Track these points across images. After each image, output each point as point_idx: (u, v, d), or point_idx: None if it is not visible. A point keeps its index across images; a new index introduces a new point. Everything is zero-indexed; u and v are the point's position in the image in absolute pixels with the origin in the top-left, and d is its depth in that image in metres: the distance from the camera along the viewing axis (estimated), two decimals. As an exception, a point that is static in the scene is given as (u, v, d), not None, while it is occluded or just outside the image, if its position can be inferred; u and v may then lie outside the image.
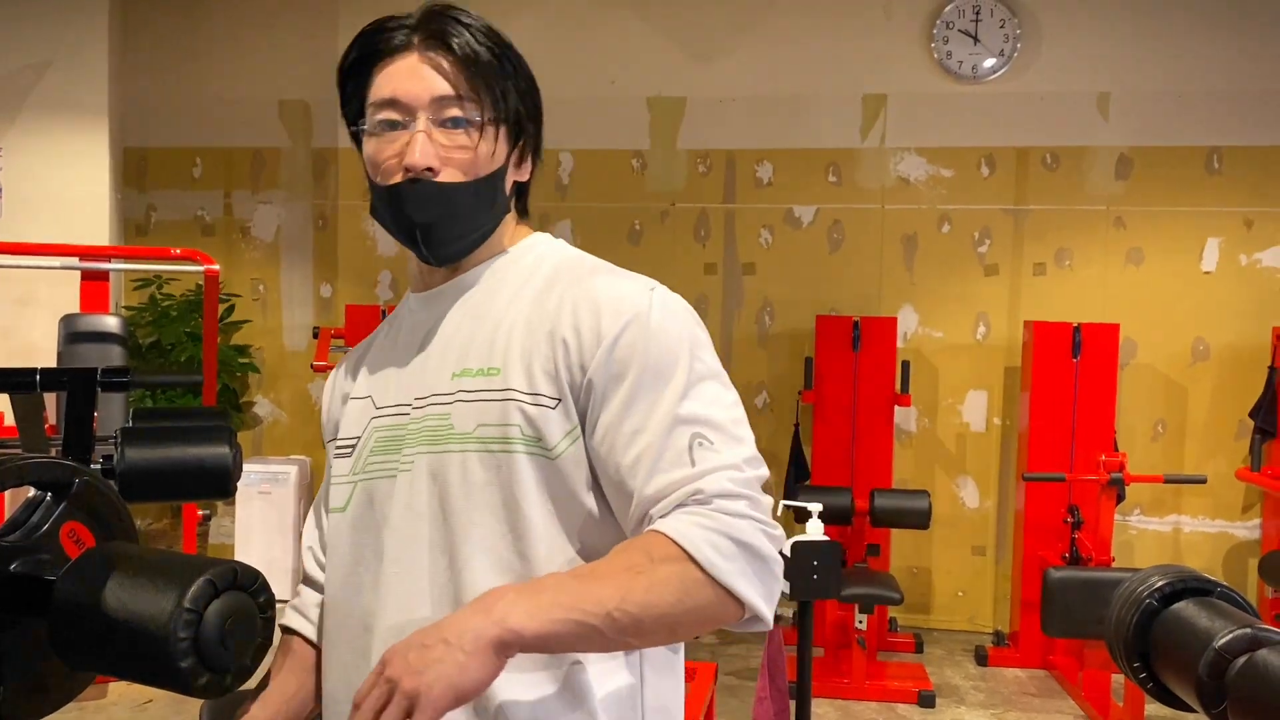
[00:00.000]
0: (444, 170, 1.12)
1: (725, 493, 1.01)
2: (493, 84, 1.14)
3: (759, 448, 2.90)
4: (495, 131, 1.14)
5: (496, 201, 1.17)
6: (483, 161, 1.13)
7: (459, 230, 1.15)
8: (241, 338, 5.86)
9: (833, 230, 5.52)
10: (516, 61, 1.18)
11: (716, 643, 5.12)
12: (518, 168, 1.19)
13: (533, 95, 1.20)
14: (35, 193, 5.14)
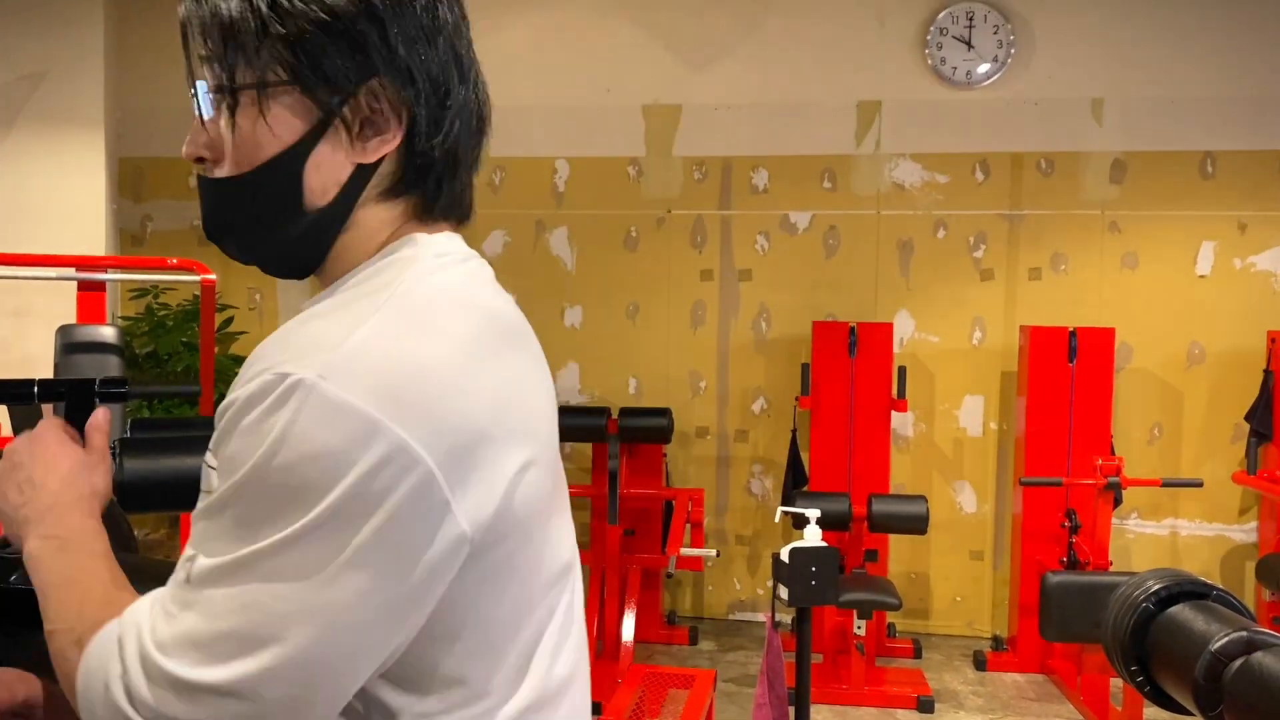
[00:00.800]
0: (215, 163, 0.85)
1: (150, 660, 0.74)
2: (231, 38, 0.81)
3: (757, 453, 2.95)
4: (247, 102, 0.81)
5: (289, 200, 0.83)
6: (245, 148, 0.83)
7: (245, 243, 0.87)
8: (239, 348, 5.85)
9: (828, 236, 5.54)
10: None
11: (716, 649, 5.12)
12: (354, 145, 0.83)
13: (351, 36, 0.81)
14: (31, 203, 5.15)
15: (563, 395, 5.74)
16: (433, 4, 0.85)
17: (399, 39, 0.82)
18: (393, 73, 0.82)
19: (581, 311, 5.74)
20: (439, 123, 0.85)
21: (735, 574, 5.67)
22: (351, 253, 0.86)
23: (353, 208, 0.84)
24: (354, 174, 0.84)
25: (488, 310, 0.86)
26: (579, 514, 5.64)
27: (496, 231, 5.80)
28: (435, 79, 0.84)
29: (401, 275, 0.82)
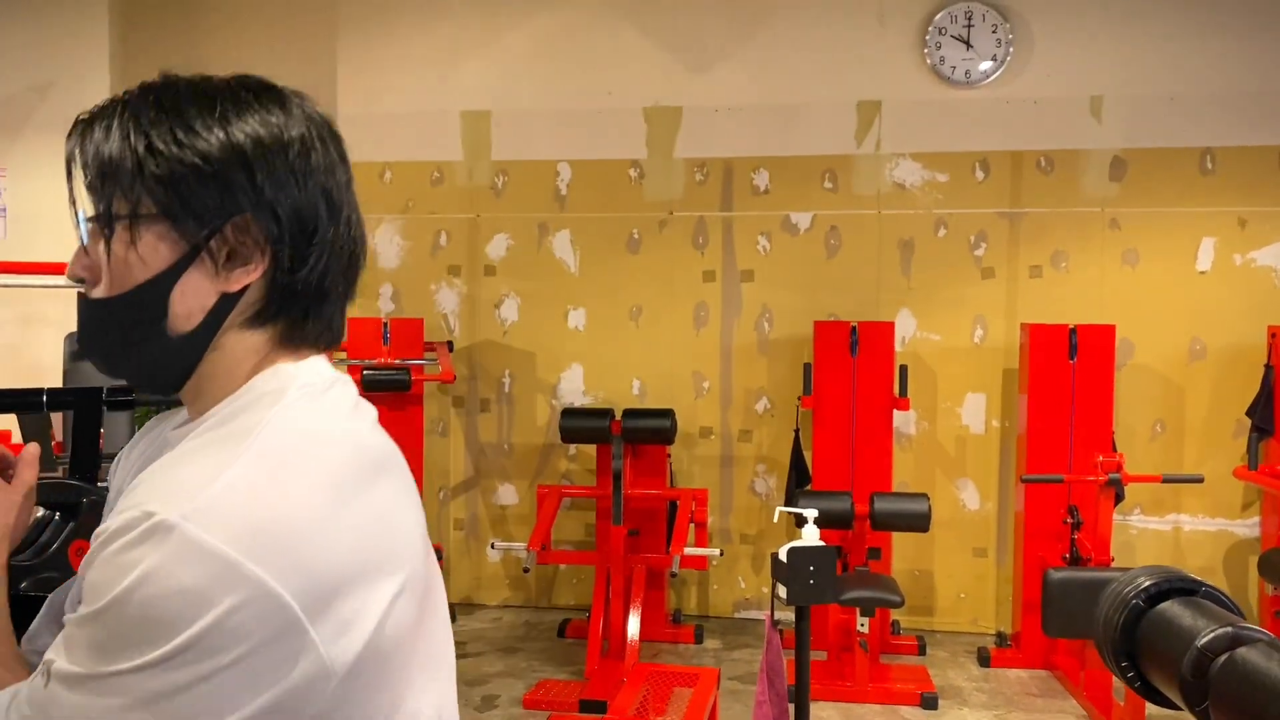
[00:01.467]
0: (93, 284, 0.89)
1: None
2: (109, 173, 0.86)
3: (760, 453, 2.97)
4: (121, 230, 0.86)
5: (156, 323, 0.87)
6: (117, 272, 0.87)
7: (112, 361, 0.91)
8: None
9: (830, 236, 5.56)
10: (171, 126, 0.86)
11: (721, 648, 5.16)
12: (219, 275, 0.87)
13: (218, 174, 0.85)
14: (39, 212, 5.19)
15: (567, 397, 5.78)
16: (305, 149, 0.90)
17: (266, 182, 0.87)
18: (258, 211, 0.87)
19: (585, 313, 5.78)
20: (304, 258, 0.89)
21: (740, 573, 5.70)
22: (217, 378, 0.90)
23: (216, 333, 0.88)
24: (219, 301, 0.88)
25: (351, 445, 0.88)
26: (584, 514, 5.69)
27: (500, 235, 5.84)
28: (302, 218, 0.88)
29: (265, 416, 0.85)
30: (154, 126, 0.86)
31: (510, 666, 4.90)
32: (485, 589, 5.92)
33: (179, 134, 0.85)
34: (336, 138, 0.95)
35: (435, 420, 5.88)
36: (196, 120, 0.86)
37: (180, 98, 0.88)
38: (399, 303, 5.92)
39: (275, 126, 0.89)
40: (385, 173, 5.89)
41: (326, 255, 0.90)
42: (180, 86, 0.90)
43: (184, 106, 0.87)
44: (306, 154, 0.90)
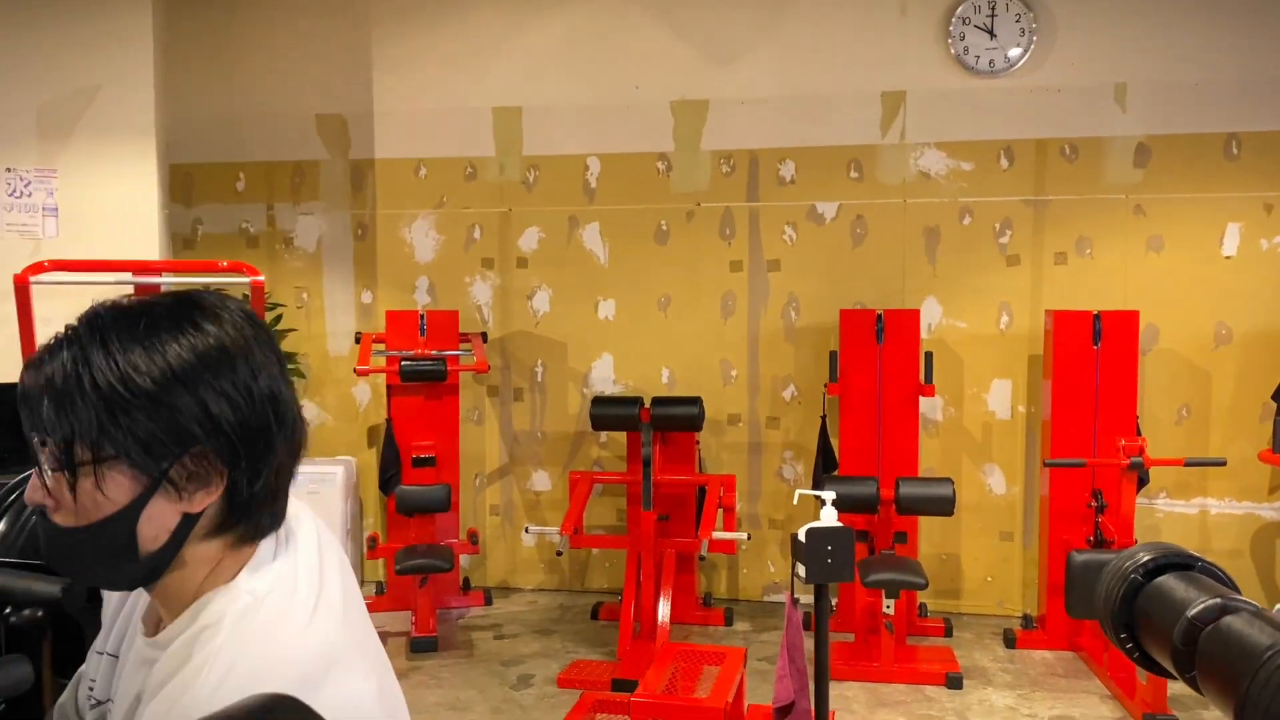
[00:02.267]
0: (57, 512, 0.95)
1: None
2: (71, 418, 0.91)
3: (788, 439, 3.02)
4: (85, 474, 0.92)
5: (125, 549, 0.94)
6: (84, 507, 0.94)
7: (84, 577, 1.03)
8: (287, 345, 6.08)
9: (855, 225, 5.64)
10: (119, 373, 0.91)
11: (750, 630, 5.27)
12: (181, 499, 0.94)
13: (170, 410, 0.91)
14: (89, 211, 5.38)
15: (597, 385, 5.91)
16: (251, 375, 0.95)
17: (226, 419, 0.93)
18: (212, 439, 0.93)
19: (614, 304, 5.90)
20: (259, 472, 0.95)
21: (769, 557, 5.81)
22: (178, 584, 0.98)
23: (180, 548, 0.96)
24: (181, 521, 0.95)
25: (302, 644, 0.95)
26: (616, 500, 5.82)
27: (531, 229, 5.97)
28: (254, 435, 0.95)
29: (227, 644, 0.92)
30: (100, 375, 0.90)
31: (545, 647, 5.04)
32: (520, 573, 6.07)
33: (125, 381, 0.90)
34: (266, 330, 1.00)
35: (471, 409, 6.03)
36: (143, 360, 0.91)
37: (121, 339, 0.92)
38: (434, 295, 6.07)
39: (225, 357, 0.94)
40: (420, 169, 6.04)
41: (278, 464, 0.97)
42: (112, 327, 0.93)
43: (122, 352, 0.91)
44: (252, 378, 0.94)
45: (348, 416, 6.21)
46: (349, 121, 6.06)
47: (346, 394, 6.20)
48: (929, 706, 4.30)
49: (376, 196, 6.11)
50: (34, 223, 5.27)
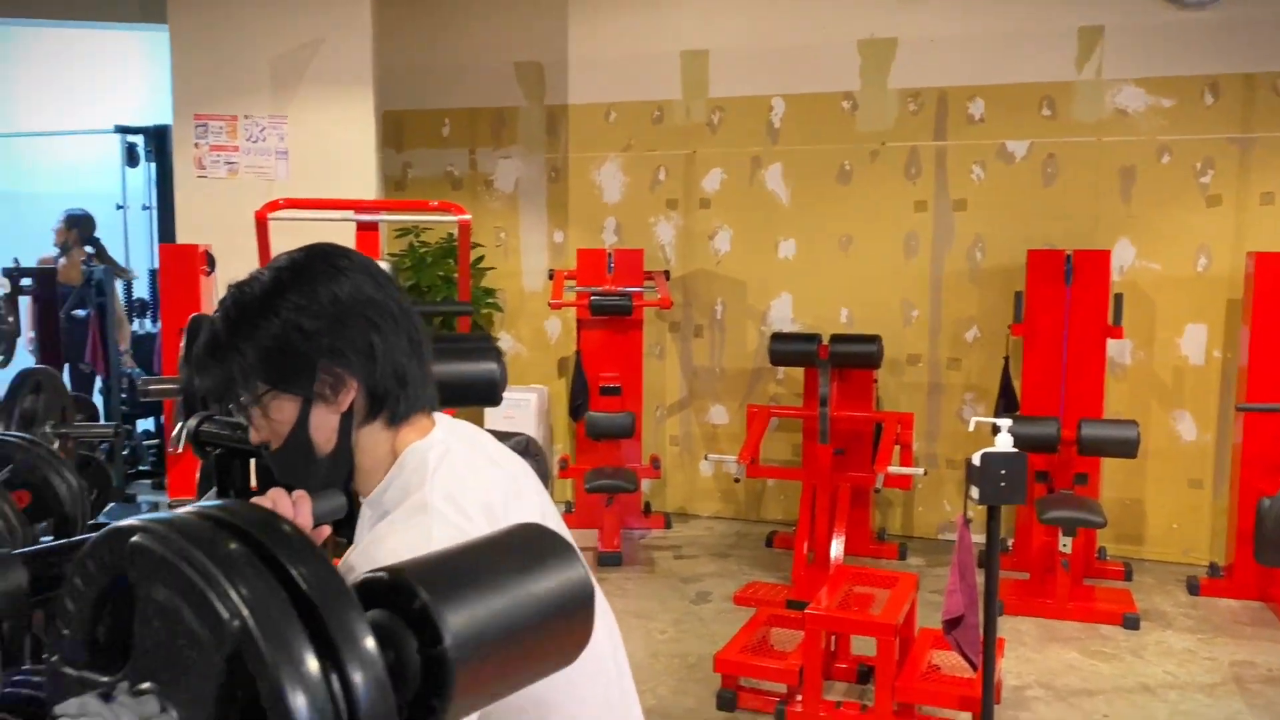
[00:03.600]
0: (270, 442, 1.27)
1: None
2: (227, 375, 1.23)
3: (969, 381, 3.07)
4: (256, 410, 1.23)
5: (310, 453, 1.24)
6: (273, 432, 1.25)
7: (300, 481, 1.25)
8: (486, 281, 6.51)
9: (1046, 165, 5.54)
10: (252, 329, 1.21)
11: (924, 565, 5.37)
12: (332, 404, 1.23)
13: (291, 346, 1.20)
14: (314, 154, 5.90)
15: (775, 324, 6.06)
16: (336, 301, 1.21)
17: (326, 337, 1.20)
18: (330, 356, 1.21)
19: (795, 244, 6.02)
20: (375, 368, 1.22)
21: (945, 496, 5.86)
22: (367, 466, 1.27)
23: (350, 442, 1.25)
24: (340, 421, 1.24)
25: (475, 483, 1.25)
26: (791, 435, 5.99)
27: (715, 170, 6.14)
28: (360, 346, 1.21)
29: (423, 493, 1.20)
30: (240, 340, 1.21)
31: (721, 569, 5.31)
32: (698, 501, 6.35)
33: (258, 338, 1.20)
34: (361, 266, 1.27)
35: (653, 344, 6.30)
36: (260, 321, 1.20)
37: (245, 312, 1.22)
38: (620, 235, 6.35)
39: (315, 299, 1.21)
40: (610, 113, 6.29)
41: (391, 357, 1.24)
42: (238, 305, 1.23)
43: (249, 320, 1.21)
44: (339, 303, 1.22)
45: (540, 348, 6.60)
46: (545, 69, 6.37)
47: (539, 327, 6.59)
48: (1103, 644, 4.33)
49: (569, 140, 6.41)
50: (268, 165, 5.83)
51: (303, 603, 0.62)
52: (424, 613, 0.68)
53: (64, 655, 0.70)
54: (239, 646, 0.60)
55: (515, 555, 0.81)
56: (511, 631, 0.75)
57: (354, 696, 0.61)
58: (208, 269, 5.10)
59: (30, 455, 1.42)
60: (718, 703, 3.69)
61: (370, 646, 0.63)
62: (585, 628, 0.82)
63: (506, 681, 0.78)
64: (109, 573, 0.68)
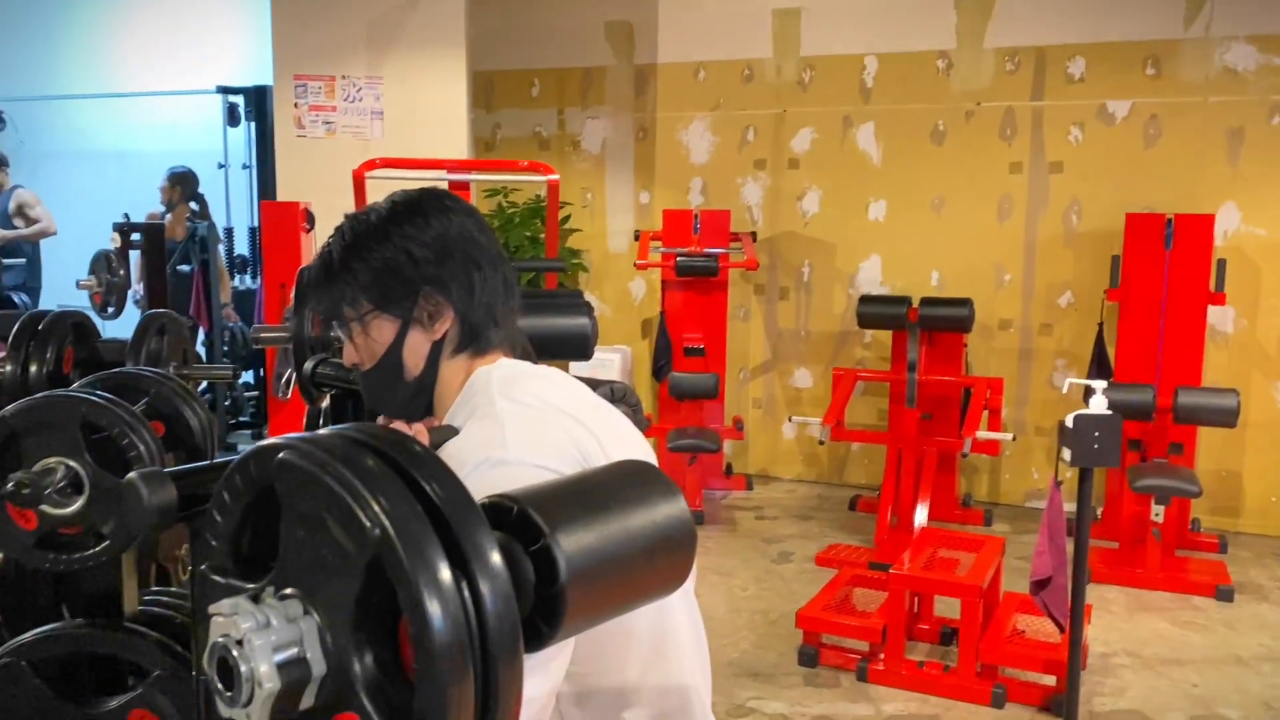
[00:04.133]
0: (362, 363, 1.35)
1: None
2: (337, 293, 1.32)
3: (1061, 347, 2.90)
4: (358, 327, 1.32)
5: (399, 375, 1.33)
6: (369, 352, 1.33)
7: (385, 407, 1.36)
8: (572, 242, 6.57)
9: (1148, 126, 5.38)
10: (366, 251, 1.29)
11: (1010, 532, 5.31)
12: (427, 330, 1.31)
13: (399, 268, 1.29)
14: (408, 115, 6.01)
15: (864, 286, 6.01)
16: (442, 236, 1.30)
17: (430, 266, 1.29)
18: (434, 284, 1.29)
19: (885, 205, 5.95)
20: (472, 301, 1.31)
21: (1034, 464, 5.78)
22: (447, 392, 1.34)
23: (436, 369, 1.33)
24: (431, 348, 1.32)
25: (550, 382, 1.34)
26: (877, 400, 5.95)
27: (805, 129, 6.08)
28: (461, 279, 1.31)
29: (495, 406, 1.26)
30: (352, 260, 1.29)
31: (803, 530, 5.33)
32: (780, 463, 6.36)
33: (367, 259, 1.29)
34: (469, 210, 1.35)
35: (738, 306, 6.30)
36: (374, 245, 1.29)
37: (358, 236, 1.31)
38: (707, 195, 6.34)
39: (425, 229, 1.30)
40: (699, 72, 6.27)
41: (486, 293, 1.32)
42: (352, 230, 1.32)
43: (361, 243, 1.30)
44: (445, 237, 1.30)
45: (624, 309, 6.65)
46: (635, 27, 6.36)
47: (624, 288, 6.64)
48: (1194, 615, 4.25)
49: (657, 100, 6.41)
50: (364, 125, 5.96)
51: (436, 517, 0.66)
52: (539, 536, 0.72)
53: (212, 564, 0.75)
54: (379, 554, 0.64)
55: (624, 489, 0.85)
56: (619, 561, 0.79)
57: (482, 606, 0.65)
58: (307, 226, 5.25)
59: (164, 388, 1.51)
60: (799, 658, 3.73)
61: (497, 561, 0.67)
62: (687, 561, 0.86)
63: (611, 608, 0.82)
64: (254, 488, 0.73)
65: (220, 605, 0.69)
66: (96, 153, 8.68)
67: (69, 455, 1.31)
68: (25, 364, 1.85)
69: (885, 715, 3.39)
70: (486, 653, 0.64)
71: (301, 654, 0.65)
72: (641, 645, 1.31)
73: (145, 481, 0.98)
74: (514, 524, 0.75)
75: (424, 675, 0.62)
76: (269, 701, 0.64)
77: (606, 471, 0.92)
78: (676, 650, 1.36)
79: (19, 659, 1.36)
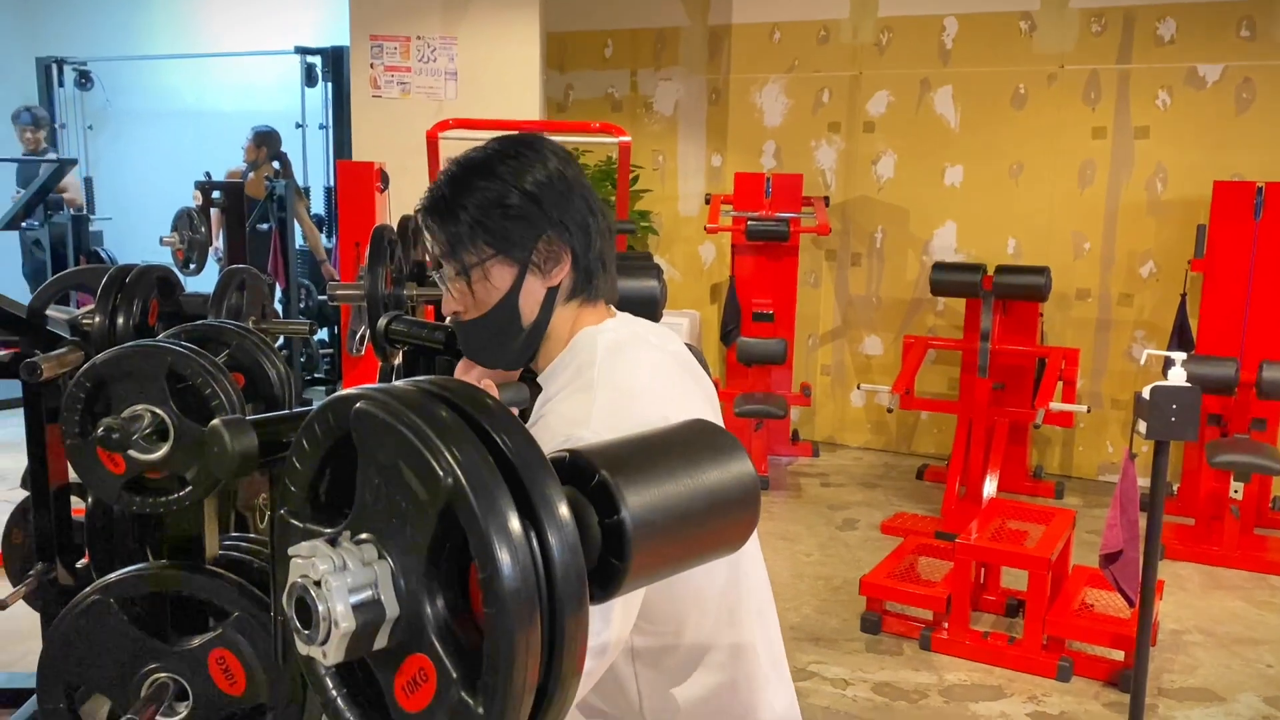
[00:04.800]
0: (466, 312, 1.30)
1: None
2: (452, 236, 1.25)
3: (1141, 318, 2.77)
4: (478, 273, 1.25)
5: (513, 323, 1.27)
6: (480, 299, 1.27)
7: (487, 357, 1.32)
8: (642, 205, 6.56)
9: (1241, 90, 5.18)
10: (481, 193, 1.23)
11: (1081, 505, 5.22)
12: (544, 276, 1.26)
13: (520, 210, 1.23)
14: (481, 76, 6.03)
15: (938, 253, 5.91)
16: (563, 176, 1.25)
17: (552, 208, 1.24)
18: (554, 228, 1.25)
19: (962, 170, 5.82)
20: (589, 246, 1.27)
21: (1108, 437, 5.66)
22: (554, 340, 1.29)
23: (549, 317, 1.28)
24: (546, 294, 1.27)
25: (649, 362, 1.29)
26: (948, 369, 5.87)
27: (880, 93, 5.98)
28: (579, 221, 1.26)
29: (592, 375, 1.23)
30: (469, 200, 1.24)
31: (869, 498, 5.30)
32: (847, 431, 6.32)
33: (487, 200, 1.23)
34: (571, 157, 1.31)
35: (808, 271, 6.25)
36: (485, 182, 1.24)
37: (473, 175, 1.25)
38: (779, 159, 6.27)
39: (543, 169, 1.25)
40: (774, 33, 6.19)
41: (600, 239, 1.29)
42: (466, 169, 1.26)
43: (478, 182, 1.24)
44: (565, 178, 1.26)
45: (693, 274, 6.64)
46: (709, -13, 6.29)
47: (693, 252, 6.62)
48: (1272, 595, 4.14)
49: (730, 61, 6.34)
50: (438, 85, 6.00)
51: (505, 468, 0.68)
52: (604, 489, 0.74)
53: (290, 509, 0.78)
54: (451, 502, 0.66)
55: (688, 445, 0.86)
56: (682, 515, 0.80)
57: (550, 556, 0.66)
58: (381, 186, 5.32)
59: (246, 341, 1.56)
60: (862, 625, 3.72)
61: (565, 513, 0.68)
62: (750, 520, 0.86)
63: (674, 563, 0.83)
64: (332, 436, 0.75)
65: (299, 548, 0.71)
66: (178, 112, 8.89)
67: (155, 403, 1.35)
68: (113, 316, 1.92)
69: (947, 684, 3.38)
70: (553, 601, 0.65)
71: (376, 596, 0.68)
72: (714, 608, 1.32)
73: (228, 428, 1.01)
74: (581, 478, 0.77)
75: (493, 621, 0.64)
76: (344, 640, 0.66)
77: (672, 430, 0.91)
78: (748, 616, 1.37)
79: (107, 596, 1.43)
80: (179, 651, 1.43)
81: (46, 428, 2.07)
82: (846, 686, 3.32)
